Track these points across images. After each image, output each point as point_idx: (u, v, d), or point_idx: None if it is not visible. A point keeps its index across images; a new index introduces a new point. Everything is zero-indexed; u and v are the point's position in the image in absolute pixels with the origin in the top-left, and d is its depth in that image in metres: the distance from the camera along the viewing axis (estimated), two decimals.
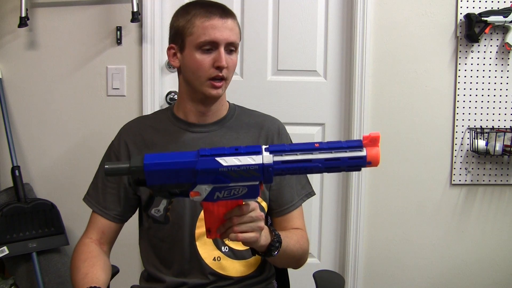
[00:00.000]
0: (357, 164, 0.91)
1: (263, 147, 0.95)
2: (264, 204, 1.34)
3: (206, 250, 1.30)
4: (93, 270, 1.20)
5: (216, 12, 1.24)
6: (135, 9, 2.08)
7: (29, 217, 2.10)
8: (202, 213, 1.26)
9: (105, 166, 0.99)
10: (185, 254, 1.30)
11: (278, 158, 0.93)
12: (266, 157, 0.93)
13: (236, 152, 0.94)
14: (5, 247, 2.03)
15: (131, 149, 1.33)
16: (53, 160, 2.25)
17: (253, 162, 0.93)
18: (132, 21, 2.09)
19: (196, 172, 0.94)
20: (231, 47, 1.27)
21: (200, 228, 1.29)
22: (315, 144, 0.92)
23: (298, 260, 1.33)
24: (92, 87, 2.22)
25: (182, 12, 1.29)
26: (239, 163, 0.93)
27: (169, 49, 1.32)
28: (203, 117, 1.34)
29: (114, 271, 1.36)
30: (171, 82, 2.26)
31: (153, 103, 2.21)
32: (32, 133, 2.24)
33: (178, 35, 1.28)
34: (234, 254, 1.32)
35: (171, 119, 1.36)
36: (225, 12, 1.26)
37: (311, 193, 1.42)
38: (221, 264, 1.31)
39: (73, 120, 2.24)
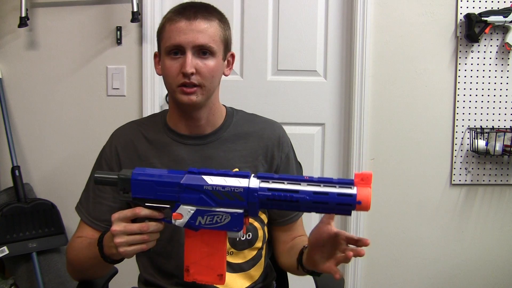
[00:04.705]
0: (346, 202, 0.89)
1: (253, 174, 0.94)
2: (263, 216, 1.28)
3: None
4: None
5: (185, 14, 1.15)
6: (135, 9, 2.08)
7: (29, 217, 2.10)
8: None
9: (95, 175, 1.00)
10: (183, 271, 1.25)
11: (265, 185, 0.92)
12: (252, 181, 0.92)
13: (224, 173, 0.94)
14: (5, 247, 2.03)
15: (122, 157, 1.26)
16: (53, 160, 2.26)
17: (238, 185, 0.92)
18: (132, 21, 2.09)
19: (181, 187, 0.94)
20: (204, 50, 1.16)
21: None
22: (305, 177, 0.92)
23: None
24: (92, 87, 2.23)
25: (163, 17, 1.23)
26: (224, 184, 0.93)
27: (154, 56, 1.26)
28: (195, 128, 1.25)
29: (113, 272, 1.36)
30: None
31: (153, 103, 2.21)
32: (32, 133, 2.24)
33: (158, 41, 1.23)
34: (232, 268, 1.25)
35: (164, 129, 1.28)
36: (196, 13, 1.15)
37: None
38: None
39: (73, 120, 2.24)
